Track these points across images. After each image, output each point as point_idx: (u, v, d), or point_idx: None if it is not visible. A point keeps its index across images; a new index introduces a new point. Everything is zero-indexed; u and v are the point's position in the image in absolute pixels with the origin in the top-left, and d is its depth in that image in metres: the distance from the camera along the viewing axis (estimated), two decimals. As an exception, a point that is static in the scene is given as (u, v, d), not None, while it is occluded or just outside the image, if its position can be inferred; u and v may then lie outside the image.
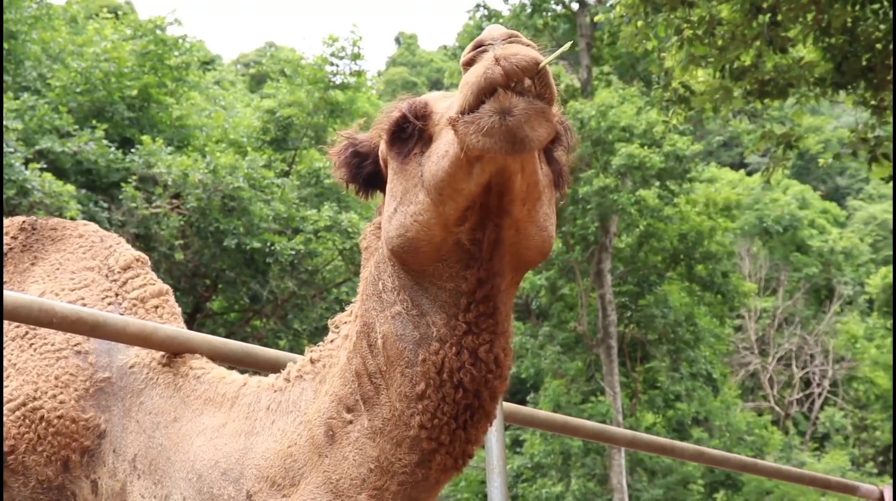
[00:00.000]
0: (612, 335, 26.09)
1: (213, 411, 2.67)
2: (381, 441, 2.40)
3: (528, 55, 2.07)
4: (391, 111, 2.40)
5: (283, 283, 20.54)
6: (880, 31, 10.65)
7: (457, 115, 2.10)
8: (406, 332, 2.38)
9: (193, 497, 2.57)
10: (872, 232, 43.82)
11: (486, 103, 2.05)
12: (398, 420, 2.38)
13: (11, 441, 2.72)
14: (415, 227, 2.28)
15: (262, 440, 2.55)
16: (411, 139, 2.33)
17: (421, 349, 2.36)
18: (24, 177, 15.91)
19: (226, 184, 18.83)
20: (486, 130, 2.04)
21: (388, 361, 2.41)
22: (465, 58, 2.13)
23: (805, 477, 5.81)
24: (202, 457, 2.58)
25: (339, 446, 2.44)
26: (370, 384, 2.43)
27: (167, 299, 3.07)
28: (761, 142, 12.23)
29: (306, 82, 22.65)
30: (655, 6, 10.81)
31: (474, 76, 2.07)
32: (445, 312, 2.35)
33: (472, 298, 2.33)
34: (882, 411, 37.18)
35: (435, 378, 2.34)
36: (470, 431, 2.39)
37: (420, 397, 2.35)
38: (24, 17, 20.11)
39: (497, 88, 2.04)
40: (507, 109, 2.04)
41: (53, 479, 2.73)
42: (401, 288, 2.40)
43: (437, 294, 2.36)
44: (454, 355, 2.33)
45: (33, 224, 3.22)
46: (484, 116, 2.05)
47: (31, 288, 3.03)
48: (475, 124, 2.05)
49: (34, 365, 2.82)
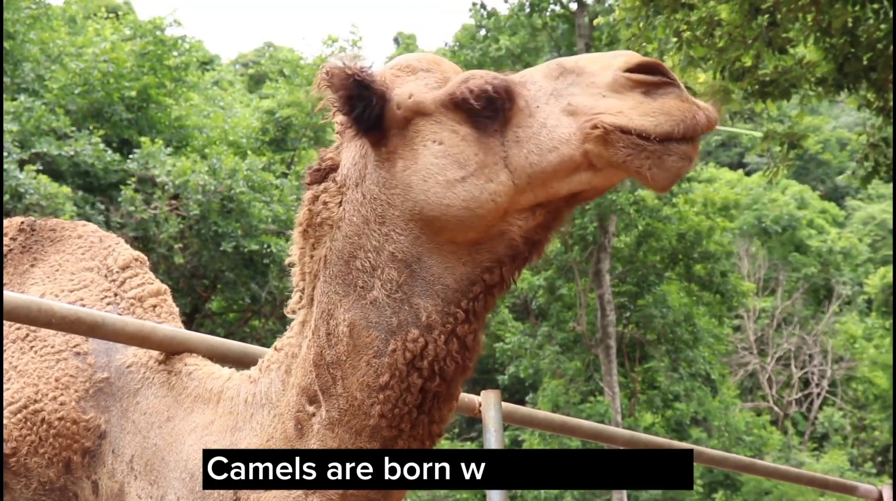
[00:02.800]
0: (610, 334, 26.08)
1: (202, 408, 2.66)
2: (340, 432, 2.37)
3: (716, 117, 2.23)
4: (469, 78, 2.33)
5: (282, 283, 20.53)
6: (881, 31, 10.65)
7: (618, 127, 2.18)
8: (380, 320, 2.32)
9: (187, 497, 2.57)
10: (871, 232, 43.82)
11: (681, 145, 2.18)
12: (357, 410, 2.34)
13: (13, 444, 2.73)
14: (489, 205, 2.24)
15: (245, 435, 2.54)
16: (491, 114, 2.28)
17: (393, 339, 2.31)
18: (19, 181, 15.89)
19: (226, 186, 18.83)
20: (668, 165, 2.17)
21: (352, 350, 2.34)
22: (640, 78, 2.22)
23: (804, 477, 5.82)
24: (194, 456, 2.58)
25: (306, 439, 2.43)
26: (328, 375, 2.38)
27: (165, 299, 3.07)
28: (764, 142, 12.21)
29: (305, 83, 22.64)
30: (656, 8, 10.80)
31: (679, 112, 2.18)
32: (442, 298, 2.30)
33: (487, 289, 2.33)
34: (881, 411, 37.18)
35: (402, 369, 2.30)
36: (434, 414, 2.37)
37: (382, 387, 2.32)
38: (22, 17, 20.05)
39: (695, 134, 2.19)
40: (691, 157, 2.19)
41: (55, 480, 2.73)
42: (398, 265, 2.31)
43: (441, 277, 2.31)
44: (443, 343, 2.30)
45: (32, 225, 3.21)
46: (674, 155, 2.18)
47: (31, 290, 3.03)
48: (659, 156, 2.17)
49: (34, 367, 2.82)
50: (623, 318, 28.18)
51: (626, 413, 27.54)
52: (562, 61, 2.34)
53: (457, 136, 2.30)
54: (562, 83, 2.29)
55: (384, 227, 2.35)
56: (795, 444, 35.88)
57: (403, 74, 2.45)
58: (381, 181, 2.36)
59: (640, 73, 2.23)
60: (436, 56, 2.52)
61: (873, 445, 38.07)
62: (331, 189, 2.43)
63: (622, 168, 2.20)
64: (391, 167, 2.35)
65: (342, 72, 2.33)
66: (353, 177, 2.41)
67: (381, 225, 2.35)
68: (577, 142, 2.22)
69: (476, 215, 2.24)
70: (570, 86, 2.28)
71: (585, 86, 2.25)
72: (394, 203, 2.33)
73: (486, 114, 2.28)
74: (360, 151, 2.42)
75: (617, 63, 2.25)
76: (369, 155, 2.40)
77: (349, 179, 2.41)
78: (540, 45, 28.06)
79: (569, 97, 2.27)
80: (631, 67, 2.23)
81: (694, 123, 2.19)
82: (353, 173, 2.41)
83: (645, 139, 2.18)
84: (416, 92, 2.36)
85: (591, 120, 2.21)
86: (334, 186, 2.43)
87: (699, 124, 2.19)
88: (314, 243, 2.45)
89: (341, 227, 2.39)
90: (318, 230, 2.44)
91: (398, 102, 2.36)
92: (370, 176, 2.38)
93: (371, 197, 2.37)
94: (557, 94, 2.28)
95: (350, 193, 2.40)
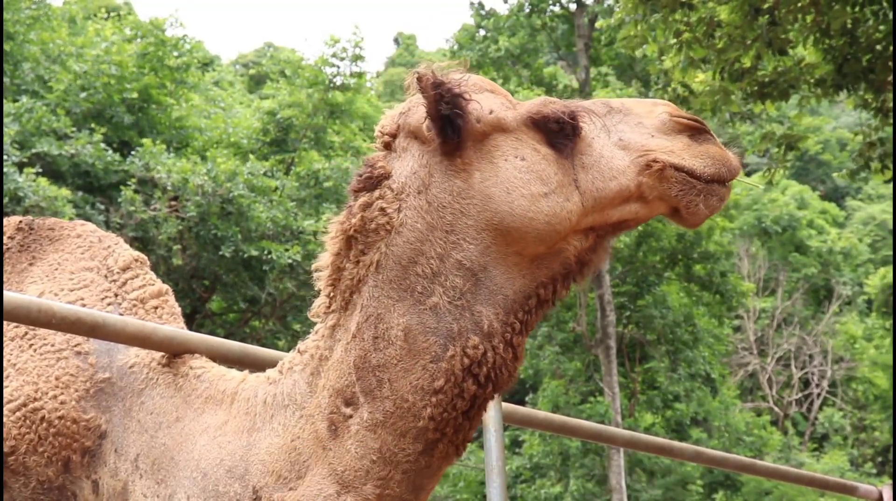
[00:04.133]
0: (610, 335, 26.08)
1: (214, 409, 2.68)
2: (383, 434, 2.43)
3: (740, 166, 2.57)
4: (549, 102, 2.51)
5: (281, 284, 20.53)
6: (880, 32, 10.65)
7: (673, 165, 2.45)
8: (439, 325, 2.40)
9: (198, 496, 2.58)
10: (871, 232, 43.81)
11: (721, 187, 2.49)
12: (406, 413, 2.42)
13: (12, 442, 2.72)
14: (565, 222, 2.41)
15: (265, 435, 2.56)
16: (564, 138, 2.47)
17: (452, 344, 2.39)
18: (18, 184, 15.89)
19: (225, 189, 18.82)
20: (710, 204, 2.47)
21: (406, 354, 2.42)
22: (685, 121, 2.51)
23: (804, 478, 5.82)
24: (206, 456, 2.60)
25: (342, 439, 2.46)
26: (372, 378, 2.44)
27: (167, 300, 3.06)
28: (762, 143, 12.21)
29: (307, 83, 22.62)
30: (653, 7, 10.79)
31: (721, 157, 2.50)
32: (503, 307, 2.42)
33: (540, 303, 2.47)
34: (881, 411, 37.19)
35: (458, 374, 2.39)
36: (474, 420, 2.48)
37: (436, 391, 2.40)
38: (22, 17, 20.04)
39: (732, 178, 2.51)
40: (725, 199, 2.51)
41: (54, 480, 2.73)
42: (464, 272, 2.41)
43: (502, 287, 2.42)
44: (501, 351, 2.41)
45: (30, 224, 3.20)
46: (715, 196, 2.48)
47: (30, 289, 3.01)
48: (705, 195, 2.47)
49: (34, 366, 2.81)
50: (623, 318, 28.17)
51: (626, 414, 27.54)
52: (608, 101, 2.57)
53: (538, 154, 2.45)
54: (610, 120, 2.51)
55: (452, 235, 2.43)
56: (795, 444, 35.89)
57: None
58: (455, 191, 2.45)
59: (683, 120, 2.52)
60: (491, 81, 2.65)
61: (873, 445, 38.07)
62: (387, 196, 2.49)
63: (671, 202, 2.47)
64: (468, 178, 2.45)
65: (434, 79, 2.44)
66: (413, 185, 2.48)
67: (448, 233, 2.43)
68: (633, 174, 2.45)
69: (555, 230, 2.41)
70: (618, 123, 2.50)
71: (634, 125, 2.49)
72: (468, 212, 2.43)
73: (562, 137, 2.46)
74: (420, 161, 2.50)
75: (661, 108, 2.53)
76: (433, 165, 2.48)
77: (409, 187, 2.48)
78: (539, 45, 28.05)
79: (619, 133, 2.49)
80: (674, 114, 2.51)
81: (732, 169, 2.50)
82: (412, 182, 2.48)
83: (695, 178, 2.46)
84: (497, 109, 2.49)
85: (646, 156, 2.45)
86: (391, 194, 2.49)
87: (735, 170, 2.51)
88: (363, 249, 2.50)
89: (402, 233, 2.46)
90: (369, 236, 2.49)
91: (478, 117, 2.47)
92: (438, 185, 2.46)
93: (439, 205, 2.45)
94: (607, 129, 2.49)
95: (411, 200, 2.47)
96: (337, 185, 21.54)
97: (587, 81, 27.29)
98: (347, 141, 23.52)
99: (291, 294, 21.00)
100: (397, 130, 2.55)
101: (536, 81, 27.09)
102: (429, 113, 2.44)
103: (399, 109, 2.59)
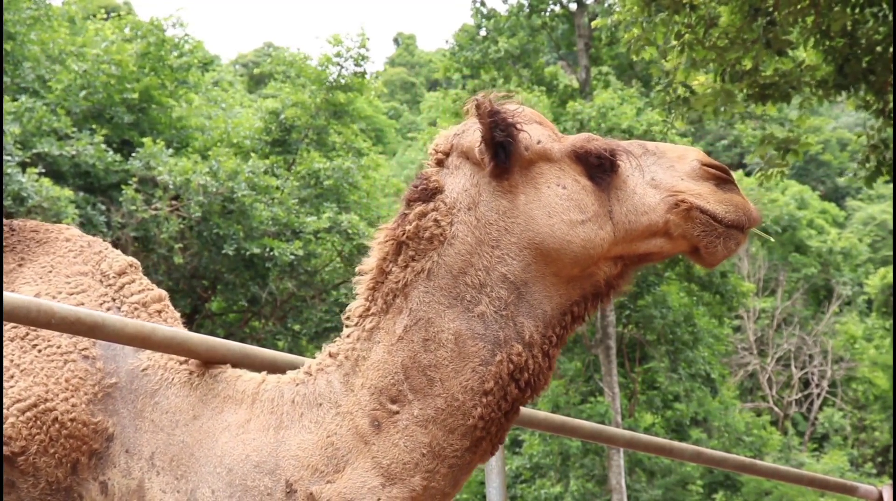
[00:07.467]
0: (610, 335, 26.08)
1: (233, 408, 2.74)
2: (434, 429, 2.59)
3: (759, 216, 2.80)
4: (592, 139, 2.75)
5: (282, 284, 20.53)
6: (880, 33, 10.65)
7: (698, 207, 2.67)
8: (487, 332, 2.60)
9: (223, 490, 2.63)
10: (871, 232, 43.80)
11: (739, 233, 2.71)
12: (456, 410, 2.59)
13: (22, 442, 2.73)
14: (599, 249, 2.65)
15: (295, 432, 2.65)
16: (602, 172, 2.71)
17: (500, 351, 2.60)
18: (21, 185, 15.89)
19: (227, 188, 18.81)
20: (728, 246, 2.69)
21: (456, 356, 2.60)
22: (713, 171, 2.73)
23: (804, 478, 5.81)
24: (230, 452, 2.66)
25: (387, 434, 2.60)
26: (423, 377, 2.60)
27: (167, 304, 3.10)
28: (761, 147, 12.18)
29: (310, 83, 22.60)
30: (657, 8, 10.77)
31: (743, 206, 2.72)
32: (543, 321, 2.64)
33: (573, 319, 2.69)
34: (881, 411, 37.19)
35: (505, 378, 2.59)
36: (511, 422, 2.68)
37: (486, 393, 2.59)
38: (22, 17, 20.03)
39: (750, 227, 2.74)
40: (741, 245, 2.74)
41: (62, 481, 2.76)
42: (508, 285, 2.61)
43: (541, 302, 2.64)
44: (541, 360, 2.63)
45: (11, 225, 3.20)
46: (733, 240, 2.70)
47: (23, 289, 3.01)
48: (724, 238, 2.69)
49: (41, 367, 2.82)
50: (623, 318, 28.15)
51: (626, 414, 27.54)
52: (644, 143, 2.81)
53: (578, 184, 2.69)
54: (645, 161, 2.75)
55: (497, 250, 2.65)
56: (795, 445, 35.89)
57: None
58: (502, 210, 2.67)
59: (711, 169, 2.75)
60: (540, 114, 2.89)
61: (873, 445, 38.07)
62: (441, 209, 2.69)
63: (693, 241, 2.69)
64: (514, 199, 2.67)
65: (491, 107, 2.65)
66: (464, 201, 2.69)
67: (494, 248, 2.65)
68: (662, 211, 2.68)
69: (589, 254, 2.64)
70: (652, 164, 2.75)
71: (667, 167, 2.73)
72: (512, 231, 2.65)
73: (601, 171, 2.70)
74: (472, 180, 2.71)
75: (693, 155, 2.77)
76: (482, 185, 2.69)
77: (460, 203, 2.69)
78: (539, 45, 28.05)
79: (652, 173, 2.73)
80: (704, 162, 2.74)
81: (752, 218, 2.73)
82: (463, 198, 2.69)
83: (717, 222, 2.69)
84: (544, 140, 2.73)
85: (675, 196, 2.68)
86: (444, 207, 2.69)
87: (754, 220, 2.73)
88: (413, 255, 2.68)
89: (454, 244, 2.66)
90: (422, 243, 2.68)
91: (527, 145, 2.70)
92: (486, 203, 2.68)
93: (486, 222, 2.66)
94: (642, 168, 2.74)
95: (462, 215, 2.68)
96: (337, 184, 21.55)
97: (587, 81, 27.30)
98: (348, 141, 23.52)
99: (292, 294, 20.99)
100: (451, 149, 2.77)
101: (537, 81, 27.11)
102: (484, 138, 2.66)
103: (454, 130, 2.80)
